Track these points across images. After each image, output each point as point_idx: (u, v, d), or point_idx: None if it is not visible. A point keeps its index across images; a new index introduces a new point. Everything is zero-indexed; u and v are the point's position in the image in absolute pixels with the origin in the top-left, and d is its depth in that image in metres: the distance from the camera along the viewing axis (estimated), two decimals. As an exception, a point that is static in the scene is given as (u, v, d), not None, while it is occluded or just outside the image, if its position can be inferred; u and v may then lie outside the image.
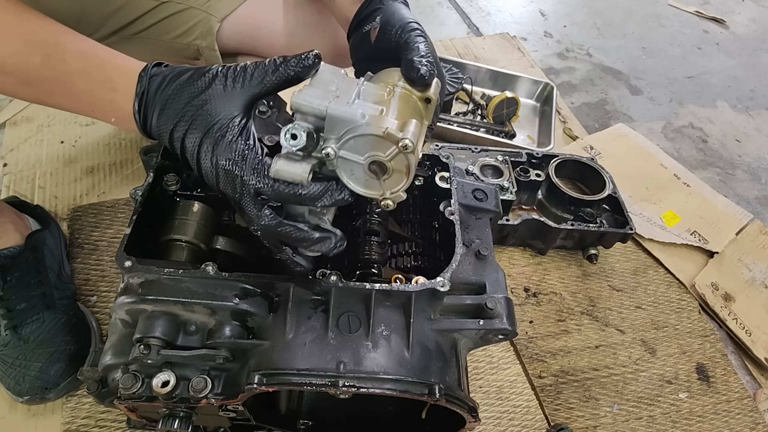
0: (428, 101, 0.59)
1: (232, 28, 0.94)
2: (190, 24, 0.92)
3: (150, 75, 0.56)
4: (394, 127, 0.52)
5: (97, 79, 0.59)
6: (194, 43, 0.94)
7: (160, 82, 0.55)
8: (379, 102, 0.56)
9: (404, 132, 0.52)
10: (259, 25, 0.96)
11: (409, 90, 0.58)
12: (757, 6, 2.42)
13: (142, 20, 0.90)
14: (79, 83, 0.59)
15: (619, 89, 1.87)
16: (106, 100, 0.59)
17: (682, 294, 1.24)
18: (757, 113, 1.86)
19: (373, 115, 0.53)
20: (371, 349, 0.65)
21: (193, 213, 0.74)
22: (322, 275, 0.67)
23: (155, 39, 0.93)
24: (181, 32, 0.93)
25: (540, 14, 2.19)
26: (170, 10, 0.91)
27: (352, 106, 0.53)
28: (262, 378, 0.62)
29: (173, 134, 0.54)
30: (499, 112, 1.52)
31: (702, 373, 1.11)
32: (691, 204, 1.42)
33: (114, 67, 0.59)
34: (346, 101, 0.53)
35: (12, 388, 0.88)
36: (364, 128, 0.52)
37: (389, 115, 0.54)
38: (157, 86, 0.55)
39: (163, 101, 0.54)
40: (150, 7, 0.89)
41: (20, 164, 1.28)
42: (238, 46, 0.98)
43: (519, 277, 1.21)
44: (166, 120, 0.54)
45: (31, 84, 0.60)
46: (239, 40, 0.96)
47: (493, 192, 0.90)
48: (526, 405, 1.01)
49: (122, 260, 0.64)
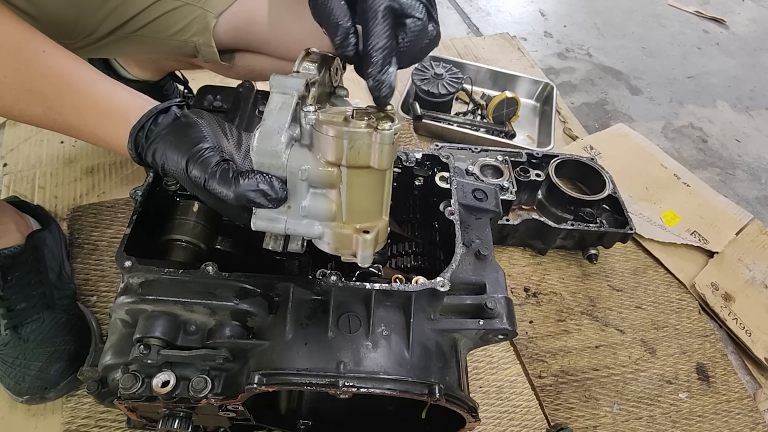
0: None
1: (229, 24, 0.95)
2: (187, 21, 0.92)
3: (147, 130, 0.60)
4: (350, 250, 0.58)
5: (96, 133, 0.64)
6: (191, 40, 0.94)
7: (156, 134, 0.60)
8: (331, 197, 0.56)
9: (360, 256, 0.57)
10: (255, 21, 0.96)
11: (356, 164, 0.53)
12: (757, 6, 2.42)
13: (139, 18, 0.90)
14: (80, 134, 0.65)
15: (619, 89, 1.87)
16: (109, 141, 0.64)
17: (682, 294, 1.24)
18: (757, 113, 1.86)
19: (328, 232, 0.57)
20: (371, 349, 0.65)
21: (193, 213, 0.74)
22: (322, 275, 0.67)
23: (152, 37, 0.93)
24: (177, 29, 0.93)
25: (540, 14, 2.20)
26: (166, 7, 0.91)
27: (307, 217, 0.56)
28: (262, 378, 0.62)
29: (164, 169, 0.60)
30: (499, 112, 1.52)
31: (702, 373, 1.11)
32: (691, 204, 1.42)
33: (111, 118, 0.63)
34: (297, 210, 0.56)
35: (12, 388, 0.88)
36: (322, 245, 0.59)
37: (344, 217, 0.57)
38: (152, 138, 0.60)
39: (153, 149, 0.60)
40: (146, 4, 0.89)
41: (20, 164, 1.28)
42: (235, 42, 0.98)
43: (519, 277, 1.21)
44: (159, 160, 0.60)
45: (38, 125, 0.66)
46: (236, 35, 0.96)
47: (493, 192, 0.90)
48: (526, 405, 1.01)
49: (122, 260, 0.64)
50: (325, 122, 0.52)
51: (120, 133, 0.61)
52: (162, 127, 0.60)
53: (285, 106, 0.52)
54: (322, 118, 0.52)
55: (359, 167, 0.53)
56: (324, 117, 0.53)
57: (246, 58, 1.01)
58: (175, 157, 0.57)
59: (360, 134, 0.50)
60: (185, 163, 0.56)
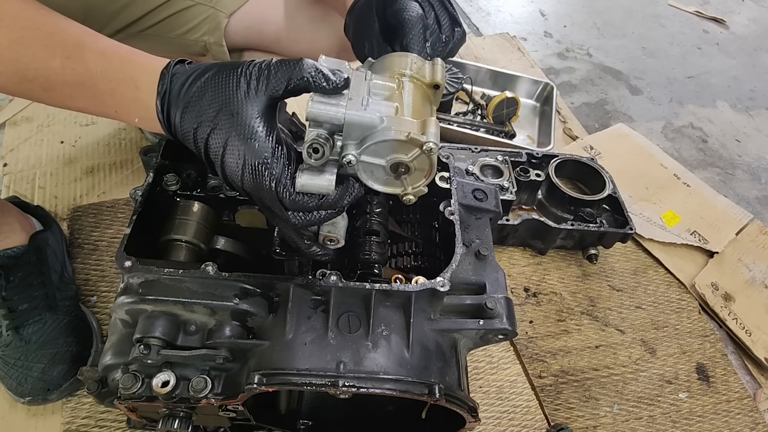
0: (437, 87, 0.59)
1: (240, 24, 0.94)
2: (198, 20, 0.92)
3: (172, 73, 0.55)
4: (415, 130, 0.52)
5: (118, 78, 0.57)
6: (202, 39, 0.94)
7: (183, 80, 0.54)
8: (392, 98, 0.56)
9: (426, 134, 0.52)
10: (266, 20, 0.96)
11: (418, 79, 0.59)
12: (757, 6, 2.42)
13: (150, 17, 0.90)
14: (100, 83, 0.58)
15: (619, 89, 1.87)
16: (129, 99, 0.57)
17: (682, 294, 1.24)
18: (757, 113, 1.86)
19: (391, 116, 0.53)
20: (371, 349, 0.65)
21: (193, 213, 0.74)
22: (322, 275, 0.67)
23: (162, 36, 0.93)
24: (188, 28, 0.93)
25: (540, 14, 2.19)
26: (177, 6, 0.91)
27: (368, 108, 0.53)
28: (262, 378, 0.62)
29: (197, 134, 0.53)
30: (499, 112, 1.52)
31: (702, 373, 1.11)
32: (691, 204, 1.42)
33: (136, 65, 0.58)
34: (360, 102, 0.53)
35: (14, 389, 0.88)
36: (386, 133, 0.52)
37: (405, 112, 0.54)
38: (180, 85, 0.54)
39: (186, 100, 0.53)
40: (157, 3, 0.89)
41: (20, 164, 1.28)
42: (246, 41, 0.98)
43: (519, 277, 1.21)
44: (190, 119, 0.53)
45: (53, 89, 0.59)
46: (246, 35, 0.96)
47: (493, 192, 0.90)
48: (526, 405, 1.01)
49: (122, 260, 0.64)
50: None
51: (151, 69, 0.56)
52: (196, 68, 0.55)
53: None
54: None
55: (417, 79, 0.59)
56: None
57: (254, 56, 1.01)
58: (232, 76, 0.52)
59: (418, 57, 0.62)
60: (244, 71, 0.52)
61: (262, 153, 0.51)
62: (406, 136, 0.51)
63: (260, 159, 0.51)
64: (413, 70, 0.59)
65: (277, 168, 0.51)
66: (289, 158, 0.53)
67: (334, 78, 0.51)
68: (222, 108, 0.52)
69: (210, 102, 0.52)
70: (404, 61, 0.60)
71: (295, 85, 0.51)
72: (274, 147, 0.52)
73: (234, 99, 0.51)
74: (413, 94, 0.57)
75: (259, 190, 0.52)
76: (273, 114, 0.53)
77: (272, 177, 0.51)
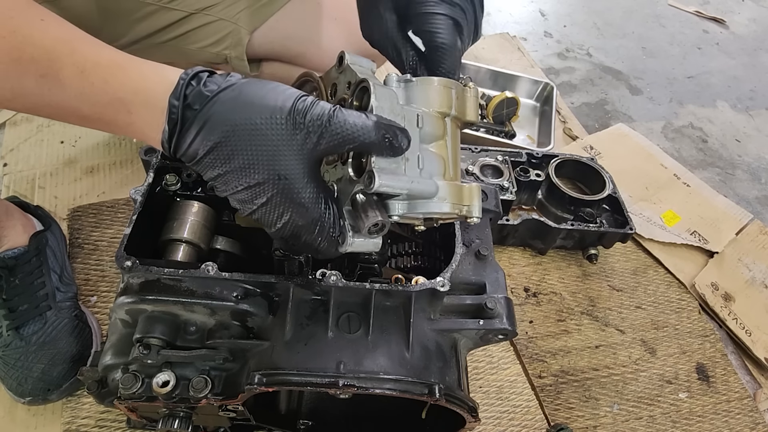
0: (471, 125, 0.62)
1: (264, 38, 0.93)
2: (220, 35, 0.91)
3: (184, 105, 0.47)
4: (464, 202, 0.56)
5: (103, 102, 0.49)
6: (223, 53, 0.92)
7: (206, 114, 0.46)
8: (440, 148, 0.57)
9: (471, 208, 0.56)
10: (290, 35, 0.94)
11: (458, 117, 0.59)
12: (757, 6, 2.42)
13: (169, 30, 0.88)
14: (83, 108, 0.50)
15: (619, 89, 1.87)
16: (121, 123, 0.50)
17: (682, 294, 1.24)
18: (757, 113, 1.86)
19: (443, 183, 0.55)
20: (371, 349, 0.65)
21: (193, 213, 0.74)
22: (322, 275, 0.67)
23: (183, 47, 0.92)
24: (210, 42, 0.91)
25: (540, 14, 2.19)
26: (199, 21, 0.89)
27: (424, 170, 0.54)
28: (262, 378, 0.62)
29: (227, 180, 0.47)
30: (499, 112, 1.52)
31: (702, 373, 1.11)
32: (691, 204, 1.42)
33: (122, 84, 0.49)
34: (416, 163, 0.53)
35: (14, 389, 0.88)
36: (442, 206, 0.54)
37: (451, 170, 0.56)
38: (201, 121, 0.46)
39: (214, 141, 0.45)
40: (178, 17, 0.87)
41: (20, 164, 1.28)
42: (268, 54, 0.96)
43: (519, 277, 1.21)
44: (218, 164, 0.46)
45: (38, 110, 0.51)
46: (270, 49, 0.95)
47: (493, 192, 0.89)
48: (526, 405, 1.01)
49: (122, 260, 0.64)
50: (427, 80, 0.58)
51: (143, 90, 0.48)
52: (226, 82, 0.48)
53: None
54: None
55: (457, 118, 0.59)
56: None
57: (274, 66, 1.00)
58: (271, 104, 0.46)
59: (458, 85, 0.59)
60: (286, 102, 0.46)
61: (309, 217, 0.49)
62: (458, 212, 0.55)
63: (305, 222, 0.49)
64: (456, 109, 0.58)
65: (323, 234, 0.50)
66: (334, 219, 0.50)
67: (400, 144, 0.49)
68: (266, 164, 0.46)
69: (246, 147, 0.45)
70: (448, 97, 0.58)
71: (358, 148, 0.48)
72: (322, 213, 0.49)
73: (281, 157, 0.46)
74: (453, 139, 0.58)
75: (298, 246, 0.51)
76: (319, 167, 0.51)
77: (316, 241, 0.50)
